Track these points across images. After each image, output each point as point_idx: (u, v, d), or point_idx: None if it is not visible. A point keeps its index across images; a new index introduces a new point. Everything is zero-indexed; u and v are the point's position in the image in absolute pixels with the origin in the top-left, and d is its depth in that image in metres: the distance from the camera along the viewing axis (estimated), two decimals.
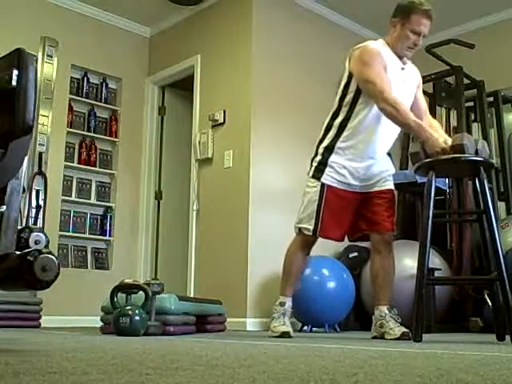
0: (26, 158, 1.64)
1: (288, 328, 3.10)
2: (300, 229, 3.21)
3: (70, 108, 5.39)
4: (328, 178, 3.14)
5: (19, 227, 1.63)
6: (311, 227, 3.15)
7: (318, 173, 3.16)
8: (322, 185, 3.14)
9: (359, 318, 4.58)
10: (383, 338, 3.04)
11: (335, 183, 3.15)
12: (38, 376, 1.12)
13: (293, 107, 5.06)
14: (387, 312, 3.10)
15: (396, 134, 3.22)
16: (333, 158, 3.15)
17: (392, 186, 3.28)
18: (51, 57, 4.43)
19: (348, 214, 3.21)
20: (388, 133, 3.17)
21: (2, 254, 1.56)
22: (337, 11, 5.51)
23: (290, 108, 5.04)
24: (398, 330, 3.01)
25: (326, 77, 5.42)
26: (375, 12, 5.51)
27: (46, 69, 4.37)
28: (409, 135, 5.34)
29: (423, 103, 3.31)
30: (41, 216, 4.17)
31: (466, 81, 4.97)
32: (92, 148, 5.51)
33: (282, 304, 3.17)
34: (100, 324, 3.59)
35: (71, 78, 5.42)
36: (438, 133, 3.01)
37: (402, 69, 3.15)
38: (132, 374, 1.18)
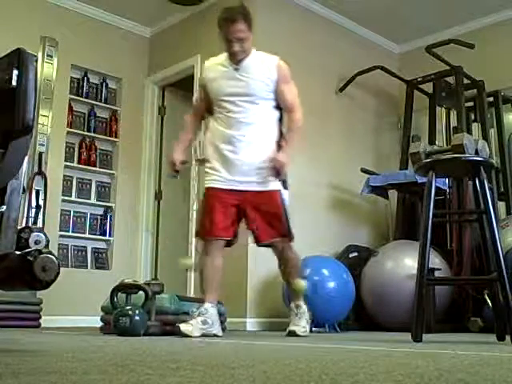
0: (26, 158, 1.64)
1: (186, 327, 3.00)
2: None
3: (70, 108, 5.39)
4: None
5: (19, 227, 1.63)
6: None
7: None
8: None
9: (359, 318, 4.58)
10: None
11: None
12: (37, 376, 1.12)
13: None
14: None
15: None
16: None
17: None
18: (51, 57, 4.42)
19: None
20: None
21: (2, 254, 1.55)
22: (337, 11, 5.51)
23: None
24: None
25: (326, 76, 5.43)
26: (375, 12, 5.52)
27: (46, 69, 4.37)
28: (408, 136, 5.35)
29: (286, 96, 3.32)
30: (41, 216, 4.17)
31: (466, 81, 4.97)
32: (92, 148, 5.51)
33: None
34: (100, 324, 3.59)
35: (71, 77, 5.42)
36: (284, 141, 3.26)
37: (237, 69, 3.27)
38: (132, 374, 1.18)
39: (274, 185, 3.22)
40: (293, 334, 3.26)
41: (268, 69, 3.28)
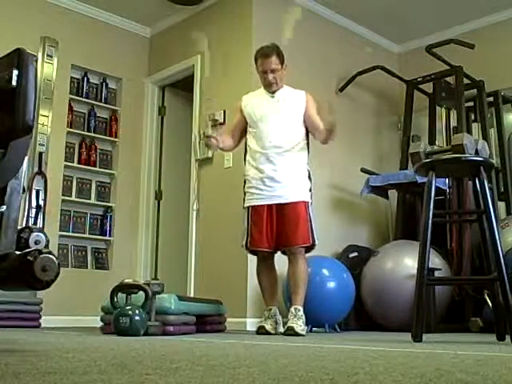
0: (26, 158, 1.64)
1: (263, 324, 3.65)
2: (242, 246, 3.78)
3: (70, 108, 5.39)
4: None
5: (19, 227, 1.63)
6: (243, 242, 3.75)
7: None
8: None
9: (359, 318, 4.58)
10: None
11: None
12: (37, 376, 1.12)
13: None
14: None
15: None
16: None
17: None
18: (51, 57, 4.42)
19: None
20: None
21: (2, 254, 1.55)
22: (336, 10, 5.51)
23: None
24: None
25: (326, 76, 5.43)
26: (374, 11, 5.52)
27: (46, 69, 4.37)
28: (408, 136, 5.35)
29: (315, 118, 3.77)
30: (41, 216, 4.17)
31: (466, 81, 4.97)
32: (92, 148, 5.51)
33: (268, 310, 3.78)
34: (100, 324, 3.59)
35: (71, 78, 5.42)
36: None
37: (272, 97, 3.83)
38: (132, 374, 1.18)
39: (302, 196, 3.66)
40: (291, 329, 3.43)
41: (299, 96, 3.84)
